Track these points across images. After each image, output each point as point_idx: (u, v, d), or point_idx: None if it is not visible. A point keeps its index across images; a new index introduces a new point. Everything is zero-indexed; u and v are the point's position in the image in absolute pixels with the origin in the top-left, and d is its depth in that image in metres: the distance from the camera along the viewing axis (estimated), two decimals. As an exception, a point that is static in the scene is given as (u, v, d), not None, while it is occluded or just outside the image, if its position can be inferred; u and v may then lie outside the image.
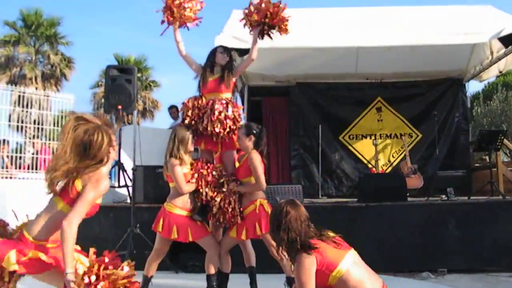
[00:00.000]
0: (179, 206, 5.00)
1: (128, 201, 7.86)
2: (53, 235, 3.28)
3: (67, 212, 3.17)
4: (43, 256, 3.19)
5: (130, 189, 7.43)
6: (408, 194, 8.00)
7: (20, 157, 9.50)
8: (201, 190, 5.05)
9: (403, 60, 10.00)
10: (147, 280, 5.20)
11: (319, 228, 3.44)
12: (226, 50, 5.50)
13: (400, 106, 11.20)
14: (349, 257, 3.32)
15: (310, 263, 3.20)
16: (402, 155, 10.83)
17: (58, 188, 3.36)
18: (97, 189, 3.22)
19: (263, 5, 5.26)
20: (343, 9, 9.85)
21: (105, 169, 3.37)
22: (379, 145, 10.83)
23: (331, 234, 3.45)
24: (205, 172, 5.08)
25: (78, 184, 3.26)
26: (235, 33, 7.83)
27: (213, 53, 5.45)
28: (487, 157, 10.57)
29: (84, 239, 3.80)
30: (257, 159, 4.95)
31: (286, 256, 3.52)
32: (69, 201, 3.26)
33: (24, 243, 3.21)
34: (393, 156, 11.16)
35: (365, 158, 11.17)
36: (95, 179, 3.22)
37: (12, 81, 25.00)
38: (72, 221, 3.09)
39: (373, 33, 8.19)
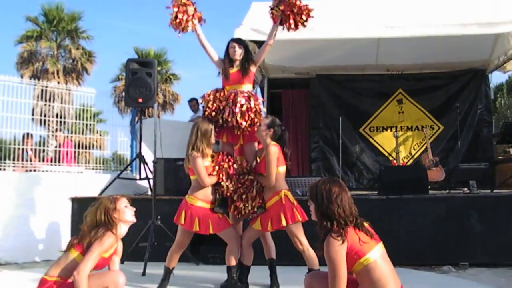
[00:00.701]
0: (201, 199, 5.03)
1: (149, 193, 7.92)
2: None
3: (79, 261, 3.78)
4: None
5: (151, 181, 7.48)
6: (429, 187, 7.92)
7: (43, 150, 9.60)
8: (222, 183, 5.07)
9: (425, 51, 9.89)
10: (168, 271, 5.26)
11: (357, 215, 3.42)
12: (240, 42, 5.48)
13: (421, 97, 11.09)
14: (378, 249, 3.30)
15: (341, 245, 3.19)
16: (424, 147, 10.74)
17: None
18: (101, 246, 3.80)
19: None
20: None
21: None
22: (400, 137, 10.74)
23: (366, 224, 3.44)
24: (226, 165, 5.10)
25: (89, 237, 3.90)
26: (254, 26, 7.83)
27: (227, 48, 5.46)
28: (511, 150, 10.46)
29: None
30: (273, 153, 4.93)
31: (318, 240, 3.48)
32: (81, 252, 3.85)
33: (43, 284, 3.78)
34: (414, 149, 11.08)
35: (385, 151, 11.11)
36: (100, 236, 3.83)
37: (35, 76, 25.26)
38: (80, 271, 3.62)
39: (394, 24, 8.10)
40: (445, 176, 9.72)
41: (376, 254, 3.27)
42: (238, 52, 5.37)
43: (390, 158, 10.93)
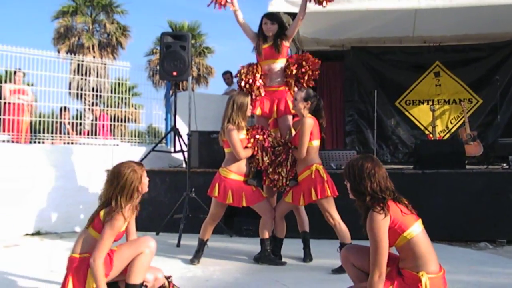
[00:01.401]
0: (234, 171, 5.05)
1: (184, 166, 7.99)
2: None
3: (95, 236, 3.67)
4: None
5: (186, 154, 7.54)
6: (466, 162, 7.79)
7: (80, 124, 9.77)
8: (257, 156, 5.08)
9: (464, 22, 9.60)
10: (202, 243, 5.32)
11: (394, 189, 3.39)
12: (272, 18, 5.45)
13: (459, 70, 10.83)
14: (419, 225, 3.27)
15: (383, 220, 3.17)
16: (461, 121, 10.53)
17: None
18: (113, 229, 3.59)
19: None
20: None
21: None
22: (436, 111, 10.54)
23: (405, 200, 3.40)
24: (261, 138, 5.11)
25: (102, 214, 3.70)
26: (288, -3, 7.73)
27: (260, 23, 5.44)
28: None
29: (143, 203, 3.95)
30: (308, 125, 4.90)
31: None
32: (95, 228, 3.70)
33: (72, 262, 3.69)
34: (451, 122, 10.88)
35: (421, 124, 10.94)
36: (110, 220, 3.61)
37: (71, 50, 25.62)
38: (96, 257, 3.50)
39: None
40: (483, 151, 9.54)
41: (418, 229, 3.24)
42: (271, 28, 5.35)
43: (426, 132, 10.77)
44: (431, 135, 10.36)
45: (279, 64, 5.38)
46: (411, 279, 3.15)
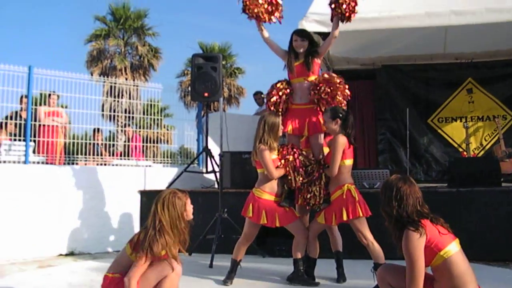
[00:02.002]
0: (268, 192, 5.05)
1: (216, 186, 8.01)
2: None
3: (131, 257, 3.80)
4: None
5: (218, 174, 7.57)
6: (502, 179, 7.64)
7: (113, 145, 9.88)
8: (289, 176, 5.07)
9: (495, 37, 9.49)
10: (235, 263, 5.30)
11: (431, 212, 3.36)
12: (303, 35, 5.44)
13: (493, 86, 10.68)
14: (456, 245, 3.22)
15: (419, 238, 3.13)
16: (496, 138, 10.35)
17: None
18: (142, 260, 3.70)
19: None
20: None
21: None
22: (470, 128, 10.39)
23: (441, 220, 3.36)
24: (291, 158, 5.10)
25: (141, 237, 3.83)
26: (318, 18, 7.75)
27: (291, 40, 5.45)
28: None
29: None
30: (340, 143, 4.89)
31: (391, 233, 3.44)
32: (134, 248, 3.82)
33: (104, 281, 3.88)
34: (485, 139, 10.71)
35: (455, 142, 10.80)
36: (147, 247, 3.71)
37: (104, 73, 26.01)
38: (131, 278, 3.64)
39: (462, 10, 7.83)
40: (519, 168, 9.35)
41: (455, 249, 3.19)
42: (302, 45, 5.35)
43: (460, 149, 10.62)
44: (465, 153, 10.21)
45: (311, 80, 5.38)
46: None
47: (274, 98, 5.32)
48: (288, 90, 5.36)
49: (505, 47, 10.20)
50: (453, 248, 3.17)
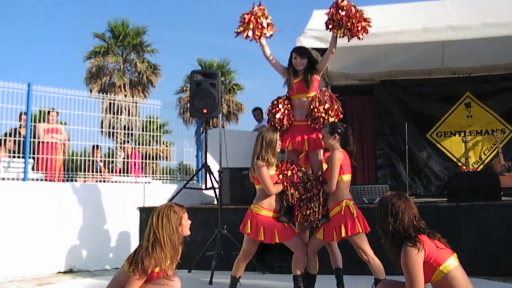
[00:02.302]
0: (266, 208, 5.03)
1: (215, 202, 8.00)
2: None
3: (129, 274, 3.77)
4: None
5: (217, 191, 7.56)
6: (502, 193, 7.64)
7: (112, 161, 9.89)
8: (287, 191, 5.07)
9: (493, 51, 9.54)
10: (235, 280, 5.28)
11: (428, 227, 3.36)
12: (302, 53, 5.43)
13: (490, 100, 10.72)
14: (454, 259, 3.21)
15: (418, 254, 3.12)
16: (494, 152, 10.37)
17: None
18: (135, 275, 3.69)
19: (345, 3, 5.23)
20: (425, 2, 9.54)
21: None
22: (469, 142, 10.42)
23: (438, 235, 3.35)
24: (289, 174, 5.09)
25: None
26: (316, 34, 7.80)
27: (290, 58, 5.46)
28: None
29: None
30: (337, 158, 4.88)
31: (388, 250, 3.43)
32: (130, 264, 3.79)
33: None
34: (484, 154, 10.72)
35: (454, 156, 10.81)
36: (140, 264, 3.68)
37: (103, 90, 26.08)
38: None
39: (459, 25, 7.88)
40: (518, 182, 9.35)
41: (454, 263, 3.18)
42: (301, 63, 5.36)
43: (459, 164, 10.63)
44: (464, 167, 10.21)
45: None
46: None
47: (279, 115, 5.32)
48: (289, 106, 5.37)
49: (502, 61, 10.26)
50: (452, 263, 3.16)
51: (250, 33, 5.42)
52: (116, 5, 54.47)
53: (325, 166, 5.30)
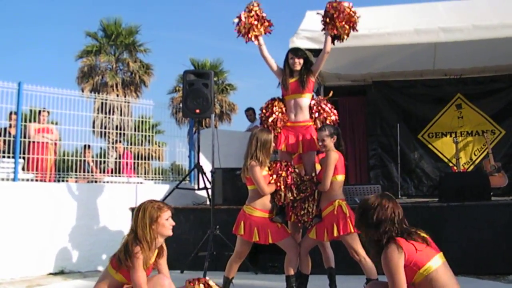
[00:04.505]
0: (259, 209, 5.03)
1: (208, 203, 8.00)
2: None
3: (111, 274, 3.90)
4: None
5: (209, 191, 7.56)
6: (492, 193, 7.70)
7: (104, 162, 9.87)
8: (280, 192, 5.07)
9: (484, 53, 9.60)
10: (228, 281, 5.28)
11: (411, 226, 3.37)
12: (298, 54, 5.43)
13: (481, 102, 10.80)
14: (438, 259, 3.23)
15: (398, 256, 3.14)
16: (485, 152, 10.45)
17: None
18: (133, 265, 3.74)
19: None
20: (417, 4, 9.59)
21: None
22: (460, 143, 10.49)
23: (423, 234, 3.37)
24: (284, 174, 5.10)
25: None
26: (309, 34, 7.82)
27: (286, 58, 5.47)
28: None
29: (167, 240, 3.96)
30: (333, 159, 4.91)
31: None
32: (115, 267, 3.92)
33: None
34: (475, 154, 10.79)
35: (445, 157, 10.87)
36: (131, 258, 3.75)
37: (95, 89, 25.98)
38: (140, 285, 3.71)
39: (451, 27, 7.93)
40: (508, 182, 9.42)
41: (436, 263, 3.19)
42: (298, 62, 5.37)
43: (450, 164, 10.69)
44: (455, 168, 10.28)
45: (305, 99, 5.37)
46: None
47: (273, 117, 5.32)
48: (283, 108, 5.37)
49: (492, 63, 10.33)
50: (434, 263, 3.18)
51: (251, 33, 5.44)
52: (108, 4, 54.30)
53: (318, 167, 5.32)
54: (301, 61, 5.37)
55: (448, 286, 3.16)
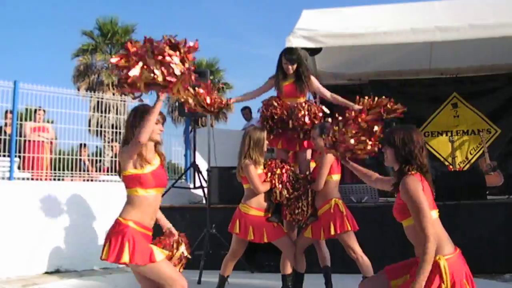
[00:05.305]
0: (254, 207, 5.04)
1: (204, 202, 7.99)
2: None
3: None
4: None
5: (205, 190, 7.56)
6: (487, 192, 7.71)
7: (100, 160, 9.85)
8: (275, 189, 5.06)
9: (480, 52, 9.62)
10: (223, 279, 5.29)
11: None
12: (292, 59, 5.33)
13: (477, 101, 10.80)
14: (436, 213, 3.31)
15: (418, 184, 3.19)
16: (480, 151, 10.45)
17: None
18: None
19: None
20: (414, 3, 9.60)
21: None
22: (455, 142, 10.51)
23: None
24: (278, 172, 5.10)
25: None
26: (305, 33, 7.80)
27: (279, 61, 5.43)
28: None
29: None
30: (328, 159, 4.92)
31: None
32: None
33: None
34: (470, 153, 10.80)
35: (441, 156, 10.87)
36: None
37: (91, 88, 25.95)
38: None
39: (447, 26, 7.94)
40: (503, 181, 9.43)
41: (435, 215, 3.27)
42: (290, 69, 5.33)
43: (446, 163, 10.70)
44: (451, 166, 10.30)
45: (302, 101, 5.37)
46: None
47: (276, 116, 5.29)
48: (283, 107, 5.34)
49: (488, 62, 10.34)
50: (434, 214, 3.24)
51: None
52: (104, 3, 54.25)
53: (313, 165, 5.32)
54: (295, 66, 5.33)
55: (443, 234, 3.25)
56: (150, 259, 3.44)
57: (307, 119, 5.17)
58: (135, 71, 3.21)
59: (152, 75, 3.20)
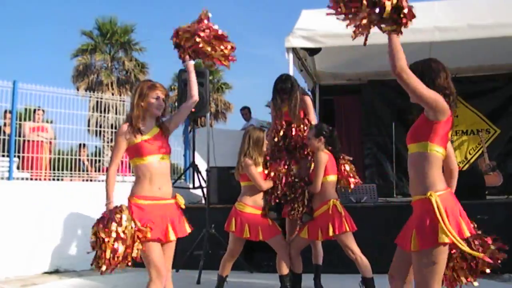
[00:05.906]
0: (250, 205, 5.05)
1: (203, 202, 7.99)
2: None
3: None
4: None
5: (205, 190, 7.55)
6: (487, 192, 7.71)
7: (99, 160, 9.84)
8: (277, 188, 5.08)
9: (480, 52, 9.62)
10: (222, 279, 5.29)
11: None
12: (286, 91, 5.40)
13: (476, 101, 10.80)
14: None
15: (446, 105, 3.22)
16: (480, 151, 10.46)
17: None
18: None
19: None
20: (413, 3, 9.56)
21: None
22: (455, 142, 10.51)
23: None
24: (283, 171, 5.13)
25: None
26: (304, 33, 7.81)
27: (274, 87, 5.50)
28: None
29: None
30: (321, 160, 4.94)
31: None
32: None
33: None
34: (470, 153, 10.80)
35: (440, 156, 10.87)
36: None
37: (90, 88, 25.96)
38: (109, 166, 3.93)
39: (446, 26, 7.94)
40: (503, 181, 9.44)
41: (444, 153, 3.31)
42: (284, 98, 5.41)
43: (445, 163, 10.69)
44: (450, 167, 10.27)
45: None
46: (421, 206, 3.15)
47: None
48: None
49: (487, 62, 10.35)
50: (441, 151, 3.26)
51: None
52: (104, 3, 54.23)
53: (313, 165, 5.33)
54: (286, 96, 5.40)
55: (438, 174, 3.27)
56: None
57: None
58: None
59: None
